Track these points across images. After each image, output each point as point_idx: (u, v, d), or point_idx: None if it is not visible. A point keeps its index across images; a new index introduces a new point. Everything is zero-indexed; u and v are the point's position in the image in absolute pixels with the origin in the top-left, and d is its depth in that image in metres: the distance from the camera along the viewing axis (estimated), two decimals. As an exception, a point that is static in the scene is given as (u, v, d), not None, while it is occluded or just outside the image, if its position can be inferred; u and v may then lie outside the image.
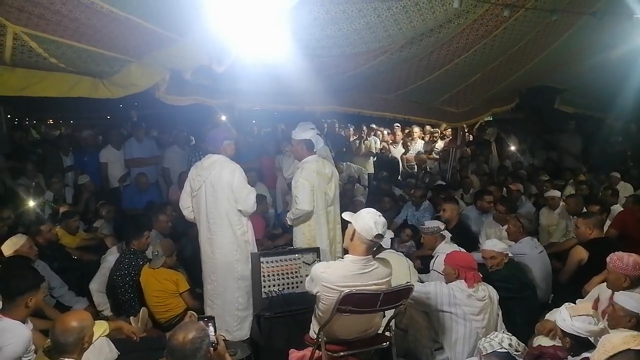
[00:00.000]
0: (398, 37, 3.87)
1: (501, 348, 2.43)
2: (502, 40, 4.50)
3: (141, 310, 3.70)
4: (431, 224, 4.51)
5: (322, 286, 2.84)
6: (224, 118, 7.90)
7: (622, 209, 5.40)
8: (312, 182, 4.13)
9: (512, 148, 9.09)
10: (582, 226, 4.23)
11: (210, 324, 2.44)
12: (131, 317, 3.66)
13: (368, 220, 2.82)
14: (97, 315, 4.15)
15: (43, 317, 3.52)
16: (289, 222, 4.39)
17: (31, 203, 5.59)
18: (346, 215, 3.03)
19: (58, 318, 2.55)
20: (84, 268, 4.80)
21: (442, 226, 4.51)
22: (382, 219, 2.87)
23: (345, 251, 3.05)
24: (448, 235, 4.46)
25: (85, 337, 2.42)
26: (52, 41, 3.25)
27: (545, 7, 3.94)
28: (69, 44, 3.33)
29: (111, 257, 4.48)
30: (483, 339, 2.60)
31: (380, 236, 2.83)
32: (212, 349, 2.31)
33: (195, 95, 4.79)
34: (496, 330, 3.12)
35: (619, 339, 2.18)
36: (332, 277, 2.83)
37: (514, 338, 2.51)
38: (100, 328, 2.73)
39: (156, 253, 4.09)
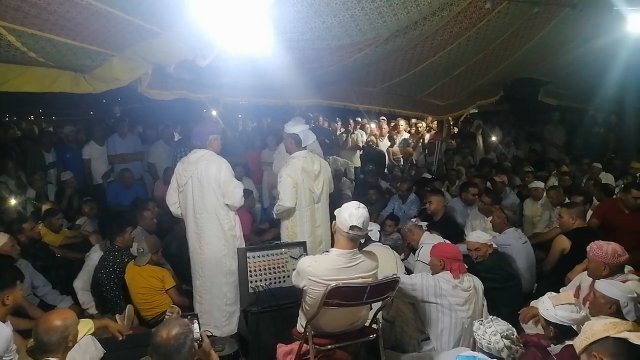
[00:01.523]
0: (382, 30, 3.87)
1: (499, 355, 2.42)
2: (486, 33, 4.54)
3: (127, 307, 3.67)
4: (406, 224, 4.63)
5: (309, 280, 2.85)
6: (214, 113, 7.84)
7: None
8: (295, 178, 4.11)
9: (496, 139, 9.17)
10: (565, 216, 4.29)
11: (194, 320, 2.43)
12: (117, 315, 3.63)
13: (343, 213, 2.86)
14: (82, 313, 4.12)
15: (26, 317, 3.47)
16: (274, 216, 4.39)
17: (13, 201, 5.49)
18: (335, 212, 3.04)
19: (41, 317, 2.51)
20: (68, 266, 4.74)
21: (415, 219, 4.65)
22: (359, 211, 2.84)
23: None
24: (424, 223, 4.54)
25: (70, 336, 2.39)
26: (30, 35, 3.17)
27: (527, 0, 3.97)
28: (47, 38, 3.26)
29: (95, 255, 4.43)
30: (480, 327, 2.51)
31: (356, 228, 2.81)
32: (196, 345, 2.29)
33: (178, 90, 4.73)
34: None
35: (600, 326, 2.21)
36: (318, 270, 2.84)
37: (515, 342, 2.42)
38: (86, 326, 2.69)
39: (142, 250, 4.05)
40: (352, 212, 2.83)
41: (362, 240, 3.69)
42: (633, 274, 3.17)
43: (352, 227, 2.81)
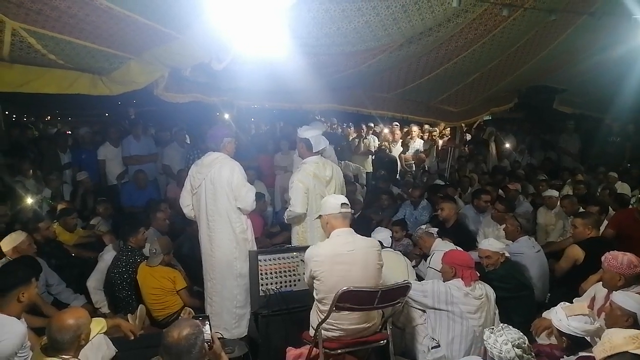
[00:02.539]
0: (397, 36, 3.88)
1: None
2: (501, 39, 4.51)
3: (139, 307, 3.70)
4: (416, 231, 4.70)
5: (314, 262, 2.97)
6: (227, 116, 7.91)
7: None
8: (307, 184, 4.09)
9: (509, 146, 9.09)
10: (580, 226, 4.22)
11: (206, 322, 2.44)
12: (129, 315, 3.66)
13: (329, 201, 3.24)
14: (94, 312, 4.15)
15: (40, 315, 3.52)
16: (285, 221, 4.40)
17: (29, 200, 5.58)
18: (321, 212, 3.30)
19: (54, 315, 2.54)
20: (82, 265, 4.79)
21: (424, 225, 4.68)
22: (340, 195, 3.38)
23: None
24: (434, 230, 4.54)
25: (82, 334, 2.41)
26: (50, 37, 3.24)
27: (544, 7, 3.95)
28: (67, 40, 3.33)
29: (108, 255, 4.48)
30: (491, 335, 2.47)
31: (345, 205, 3.16)
32: (207, 346, 2.30)
33: (194, 93, 4.79)
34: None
35: (620, 339, 2.16)
36: (321, 250, 3.05)
37: (526, 351, 2.38)
38: (98, 325, 2.72)
39: (154, 251, 4.09)
40: (336, 196, 3.30)
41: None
42: (649, 286, 3.11)
43: (342, 205, 3.14)
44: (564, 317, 2.68)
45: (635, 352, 2.09)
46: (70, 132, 9.29)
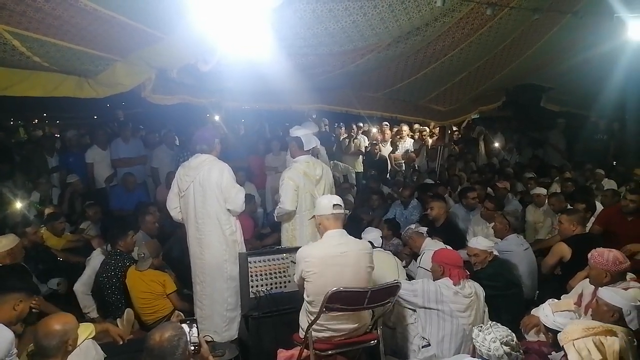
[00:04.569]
0: (385, 36, 3.90)
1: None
2: (488, 38, 4.56)
3: (126, 311, 3.67)
4: (406, 231, 4.71)
5: (305, 262, 2.96)
6: (217, 118, 7.88)
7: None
8: (297, 182, 4.11)
9: (498, 145, 9.17)
10: (565, 223, 4.27)
11: (193, 325, 2.42)
12: (118, 319, 3.63)
13: (322, 202, 3.22)
14: (83, 317, 4.11)
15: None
16: (275, 219, 4.40)
17: (16, 204, 5.51)
18: (315, 212, 3.29)
19: (41, 321, 2.52)
20: (70, 270, 4.74)
21: (414, 225, 4.69)
22: (334, 196, 3.37)
23: None
24: (424, 229, 4.56)
25: (69, 340, 2.39)
26: (35, 39, 3.21)
27: (529, 6, 3.99)
28: (52, 42, 3.29)
29: (96, 259, 4.43)
30: (480, 333, 2.47)
31: (337, 205, 3.14)
32: (192, 349, 2.29)
33: (181, 95, 4.77)
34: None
35: (575, 332, 2.24)
36: (313, 250, 3.04)
37: (514, 348, 2.38)
38: (86, 330, 2.69)
39: (142, 255, 4.05)
40: (329, 198, 3.26)
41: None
42: (635, 282, 3.15)
43: (334, 206, 3.12)
44: (550, 313, 2.71)
45: None
46: (57, 135, 9.18)
